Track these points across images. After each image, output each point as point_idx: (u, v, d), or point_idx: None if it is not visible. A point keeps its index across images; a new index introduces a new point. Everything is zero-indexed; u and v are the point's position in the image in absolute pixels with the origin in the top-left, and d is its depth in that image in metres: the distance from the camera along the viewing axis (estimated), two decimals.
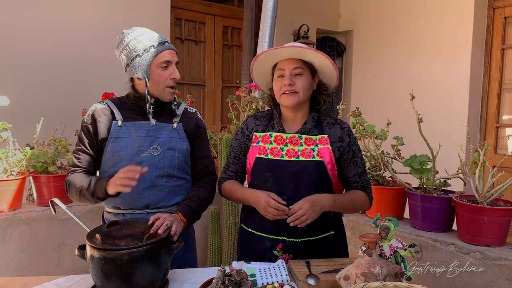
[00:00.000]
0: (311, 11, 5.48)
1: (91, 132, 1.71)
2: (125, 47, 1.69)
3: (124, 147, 1.68)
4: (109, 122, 1.71)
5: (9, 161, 2.37)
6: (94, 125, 1.70)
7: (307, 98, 1.72)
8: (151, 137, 1.72)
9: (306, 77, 1.68)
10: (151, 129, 1.73)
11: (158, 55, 1.68)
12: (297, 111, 1.74)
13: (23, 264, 2.40)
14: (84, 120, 1.73)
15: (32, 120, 2.65)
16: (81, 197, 1.67)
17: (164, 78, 1.70)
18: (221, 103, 5.24)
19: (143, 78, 1.68)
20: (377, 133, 2.37)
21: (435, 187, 2.26)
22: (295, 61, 1.67)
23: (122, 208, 1.73)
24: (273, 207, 1.56)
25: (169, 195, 1.74)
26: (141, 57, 1.67)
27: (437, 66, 4.57)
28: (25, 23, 3.65)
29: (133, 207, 1.72)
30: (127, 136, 1.69)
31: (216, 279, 1.26)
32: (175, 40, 4.76)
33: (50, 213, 2.45)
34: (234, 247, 2.81)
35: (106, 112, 1.72)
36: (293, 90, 1.65)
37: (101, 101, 1.78)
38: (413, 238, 2.21)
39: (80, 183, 1.66)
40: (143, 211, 1.71)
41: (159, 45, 1.69)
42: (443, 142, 2.31)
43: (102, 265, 1.28)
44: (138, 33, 1.69)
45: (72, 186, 1.68)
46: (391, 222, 1.41)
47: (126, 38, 1.70)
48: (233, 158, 1.84)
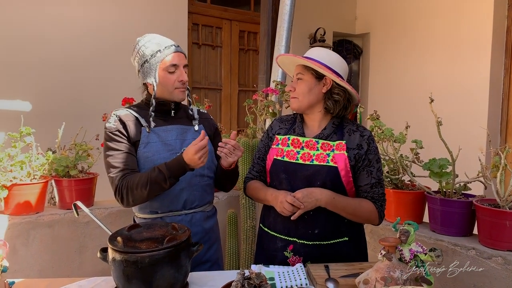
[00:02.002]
0: (327, 14, 5.48)
1: (125, 134, 1.71)
2: (137, 53, 1.75)
3: (156, 152, 1.71)
4: (136, 128, 1.73)
5: (32, 165, 2.43)
6: (125, 128, 1.71)
7: (310, 102, 1.71)
8: (180, 140, 1.77)
9: (306, 82, 1.70)
10: (179, 132, 1.79)
11: (164, 59, 1.72)
12: (310, 115, 1.76)
13: (45, 266, 2.45)
14: (111, 126, 1.71)
15: (53, 125, 2.71)
16: (152, 187, 1.60)
17: (172, 81, 1.74)
18: (238, 107, 5.27)
19: (151, 83, 1.73)
20: (396, 137, 2.35)
21: (455, 190, 2.23)
22: (298, 67, 1.75)
23: (160, 212, 1.75)
24: (290, 202, 1.57)
25: (202, 194, 1.82)
26: (149, 62, 1.71)
27: (456, 68, 4.52)
28: (45, 30, 3.74)
29: (171, 209, 1.75)
30: (157, 141, 1.73)
31: (236, 282, 1.27)
32: (192, 45, 4.81)
33: (71, 216, 2.50)
34: (251, 250, 2.82)
35: (131, 117, 1.74)
36: (293, 95, 1.74)
37: (121, 108, 1.80)
38: (432, 242, 2.18)
39: (144, 176, 1.61)
40: (181, 212, 1.76)
41: (165, 49, 1.72)
42: (463, 145, 2.28)
43: (123, 268, 1.30)
44: (147, 39, 1.74)
45: (135, 184, 1.62)
46: (411, 226, 1.40)
47: (137, 45, 1.75)
48: (257, 159, 1.89)
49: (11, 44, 3.59)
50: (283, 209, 1.61)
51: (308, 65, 1.68)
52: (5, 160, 2.33)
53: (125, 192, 1.64)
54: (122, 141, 1.70)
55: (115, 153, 1.68)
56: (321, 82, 1.70)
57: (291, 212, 1.60)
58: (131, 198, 1.65)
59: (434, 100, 2.18)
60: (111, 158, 1.68)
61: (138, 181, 1.62)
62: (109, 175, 1.68)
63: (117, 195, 1.66)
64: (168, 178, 1.60)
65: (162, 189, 1.64)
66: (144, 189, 1.61)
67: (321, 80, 1.70)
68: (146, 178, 1.61)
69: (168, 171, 1.60)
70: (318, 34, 5.25)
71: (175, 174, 1.62)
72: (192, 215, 1.79)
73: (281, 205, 1.61)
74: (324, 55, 1.70)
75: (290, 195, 1.60)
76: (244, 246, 2.83)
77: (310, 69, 1.69)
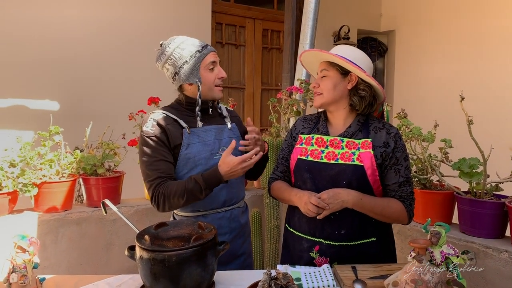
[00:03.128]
0: (352, 12, 5.41)
1: (164, 141, 1.70)
2: (169, 57, 1.73)
3: (197, 153, 1.72)
4: (177, 130, 1.73)
5: (61, 164, 2.48)
6: (164, 133, 1.70)
7: (335, 98, 1.68)
8: (218, 139, 1.79)
9: (331, 78, 1.68)
10: (217, 132, 1.80)
11: (205, 58, 1.74)
12: (335, 112, 1.73)
13: (73, 262, 2.50)
14: (148, 131, 1.70)
15: (80, 124, 2.77)
16: (188, 198, 1.64)
17: (213, 79, 1.77)
18: (261, 105, 5.26)
19: (195, 83, 1.74)
20: (424, 136, 2.30)
21: (486, 191, 2.17)
22: (322, 63, 1.72)
23: (202, 210, 1.78)
24: (314, 203, 1.55)
25: (238, 190, 1.87)
26: (188, 63, 1.72)
27: (486, 65, 4.39)
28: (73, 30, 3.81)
29: (213, 207, 1.78)
30: (197, 141, 1.74)
31: (263, 282, 1.26)
32: (216, 44, 4.83)
33: (99, 214, 2.54)
34: (276, 250, 2.81)
35: (169, 120, 1.74)
36: (318, 91, 1.71)
37: (157, 111, 1.78)
38: (463, 244, 2.13)
39: (181, 186, 1.64)
40: (221, 209, 1.80)
41: (203, 49, 1.75)
42: (494, 144, 2.20)
43: (151, 266, 1.31)
44: (179, 42, 1.74)
45: (172, 194, 1.63)
46: (442, 228, 1.36)
47: (167, 48, 1.74)
48: (281, 159, 1.87)
49: (40, 45, 3.68)
50: (308, 211, 1.58)
51: (334, 60, 1.66)
52: (35, 159, 2.39)
53: (162, 200, 1.65)
54: (158, 148, 1.69)
55: (151, 159, 1.69)
56: (346, 79, 1.67)
57: (315, 214, 1.57)
58: (167, 206, 1.67)
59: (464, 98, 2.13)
60: (147, 164, 1.69)
61: (175, 190, 1.64)
62: (145, 181, 1.71)
63: (153, 202, 1.69)
64: (204, 189, 1.63)
65: (198, 199, 1.67)
66: (181, 198, 1.64)
67: (346, 76, 1.67)
68: (183, 188, 1.63)
69: (204, 183, 1.63)
70: (342, 32, 5.20)
71: (211, 186, 1.65)
72: (231, 211, 1.83)
73: (305, 206, 1.59)
74: (349, 52, 1.67)
75: (314, 196, 1.58)
76: (268, 245, 2.83)
77: (335, 65, 1.67)
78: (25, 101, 3.64)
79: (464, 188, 2.30)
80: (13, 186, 2.30)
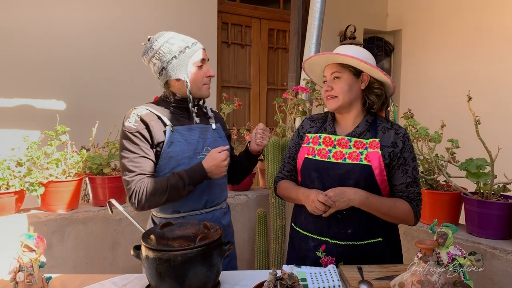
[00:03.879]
0: (358, 11, 5.39)
1: (146, 137, 1.66)
2: (157, 51, 1.70)
3: (180, 151, 1.70)
4: (160, 127, 1.70)
5: (67, 163, 2.49)
6: (148, 129, 1.67)
7: (351, 100, 1.68)
8: (202, 139, 1.77)
9: (345, 80, 1.66)
10: (201, 131, 1.78)
11: (194, 55, 1.72)
12: (346, 114, 1.72)
13: (79, 261, 2.51)
14: (131, 126, 1.66)
15: (86, 124, 2.77)
16: (170, 194, 1.62)
17: (201, 77, 1.74)
18: (266, 105, 5.26)
19: (183, 79, 1.71)
20: (431, 136, 2.29)
21: (493, 192, 2.15)
22: (333, 66, 1.69)
23: (182, 212, 1.75)
24: (321, 201, 1.55)
25: (221, 191, 1.84)
26: (177, 58, 1.69)
27: (493, 65, 4.36)
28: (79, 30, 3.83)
29: (193, 209, 1.76)
30: (181, 140, 1.71)
31: (268, 282, 1.25)
32: (222, 44, 4.83)
33: (105, 213, 2.55)
34: (281, 250, 2.80)
35: (153, 117, 1.70)
36: (332, 94, 1.68)
37: (140, 106, 1.74)
38: (470, 245, 2.11)
39: (163, 182, 1.62)
40: (202, 211, 1.77)
41: (193, 45, 1.72)
42: (501, 145, 2.19)
43: (156, 266, 1.31)
44: (168, 37, 1.71)
45: (153, 190, 1.62)
46: (449, 229, 1.36)
47: (155, 43, 1.71)
48: (288, 158, 1.87)
49: (46, 45, 3.69)
50: (315, 208, 1.58)
51: (349, 62, 1.64)
52: (41, 158, 2.40)
53: (143, 197, 1.62)
54: (140, 144, 1.66)
55: (132, 156, 1.65)
56: (359, 80, 1.67)
57: (322, 212, 1.57)
58: (147, 203, 1.64)
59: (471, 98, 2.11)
60: (127, 160, 1.65)
61: (157, 187, 1.61)
62: (125, 178, 1.66)
63: (133, 199, 1.64)
64: (187, 184, 1.62)
65: (180, 196, 1.65)
66: (163, 195, 1.62)
67: (359, 77, 1.67)
68: (165, 184, 1.61)
69: (188, 178, 1.62)
70: (348, 31, 5.17)
71: (194, 181, 1.64)
72: (212, 212, 1.80)
73: (312, 204, 1.59)
74: (358, 52, 1.66)
75: (322, 193, 1.58)
76: (274, 245, 2.82)
77: (348, 66, 1.66)
78: (31, 100, 3.66)
79: (471, 189, 2.28)
80: (20, 185, 2.31)
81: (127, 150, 1.66)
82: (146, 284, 1.44)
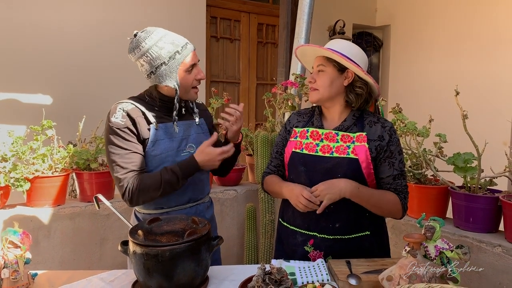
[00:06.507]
0: (347, 6, 5.39)
1: (135, 132, 1.63)
2: (145, 53, 1.62)
3: (164, 149, 1.68)
4: (145, 124, 1.66)
5: (54, 158, 2.46)
6: (134, 125, 1.64)
7: (331, 95, 1.67)
8: (186, 136, 1.75)
9: (328, 74, 1.66)
10: (185, 128, 1.76)
11: (184, 60, 1.66)
12: (330, 107, 1.72)
13: (67, 257, 2.48)
14: (119, 122, 1.62)
15: (73, 118, 2.74)
16: (165, 189, 1.61)
17: (190, 81, 1.70)
18: (256, 100, 5.24)
19: (173, 86, 1.66)
20: (419, 130, 2.30)
21: (480, 186, 2.17)
22: (320, 58, 1.70)
23: (166, 207, 1.74)
24: (306, 197, 1.55)
25: (203, 186, 1.84)
26: (167, 65, 1.63)
27: (481, 60, 4.40)
28: (66, 24, 3.77)
29: (177, 204, 1.75)
30: (164, 138, 1.69)
31: (257, 277, 1.25)
32: (211, 38, 4.79)
33: (92, 209, 2.53)
34: (270, 244, 2.81)
35: (138, 113, 1.66)
36: (314, 87, 1.69)
37: (125, 101, 1.69)
38: (456, 238, 2.13)
39: (156, 178, 1.60)
40: (186, 206, 1.77)
41: (183, 49, 1.65)
42: (488, 139, 2.21)
43: (144, 261, 1.30)
44: (156, 38, 1.62)
45: (147, 186, 1.60)
46: (437, 222, 1.36)
47: (143, 43, 1.62)
48: (275, 153, 1.86)
49: (33, 39, 3.63)
50: (299, 203, 1.57)
51: (332, 56, 1.64)
52: (27, 153, 2.37)
53: (137, 194, 1.60)
54: (130, 140, 1.63)
55: (122, 152, 1.62)
56: (342, 75, 1.66)
57: (306, 208, 1.56)
58: (141, 199, 1.63)
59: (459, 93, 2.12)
60: (118, 157, 1.62)
61: (150, 182, 1.60)
62: (116, 175, 1.63)
63: (127, 196, 1.62)
64: (181, 179, 1.62)
65: (174, 190, 1.65)
66: (158, 190, 1.61)
67: (343, 73, 1.66)
68: (159, 180, 1.60)
69: (181, 172, 1.62)
70: (337, 26, 5.18)
71: (187, 174, 1.64)
72: (196, 207, 1.80)
73: (296, 199, 1.58)
74: (346, 47, 1.66)
75: (307, 189, 1.58)
76: (263, 240, 2.82)
77: (333, 61, 1.66)
78: (17, 95, 3.60)
79: (458, 183, 2.30)
80: (5, 181, 2.27)
81: (117, 146, 1.62)
82: (134, 280, 1.43)
